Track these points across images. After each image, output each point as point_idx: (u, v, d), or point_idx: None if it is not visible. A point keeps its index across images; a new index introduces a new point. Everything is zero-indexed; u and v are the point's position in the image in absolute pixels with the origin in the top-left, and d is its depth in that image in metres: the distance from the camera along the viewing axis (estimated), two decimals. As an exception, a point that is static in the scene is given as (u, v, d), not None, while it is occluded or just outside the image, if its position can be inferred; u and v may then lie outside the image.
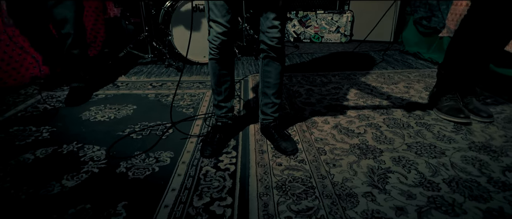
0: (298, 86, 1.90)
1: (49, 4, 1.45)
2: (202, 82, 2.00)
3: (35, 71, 2.00)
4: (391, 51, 2.82)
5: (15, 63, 1.86)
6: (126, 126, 1.37)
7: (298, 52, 2.90)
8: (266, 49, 1.09)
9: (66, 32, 1.51)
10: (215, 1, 0.98)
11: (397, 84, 1.88)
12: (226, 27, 1.02)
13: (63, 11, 1.47)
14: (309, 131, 1.32)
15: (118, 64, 2.43)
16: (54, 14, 1.47)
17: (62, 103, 1.62)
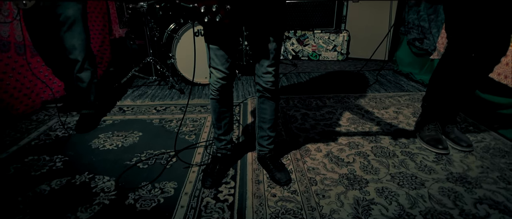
0: (294, 111, 2.01)
1: (61, 34, 1.59)
2: (204, 106, 2.12)
3: (45, 95, 2.12)
4: (385, 71, 2.93)
5: (26, 90, 1.98)
6: (133, 155, 1.48)
7: (296, 71, 3.02)
8: (262, 90, 1.21)
9: (74, 58, 1.63)
10: (216, 51, 1.10)
11: (387, 109, 1.99)
12: (225, 73, 1.14)
13: (72, 39, 1.60)
14: (303, 160, 1.43)
15: (124, 85, 2.54)
16: (64, 42, 1.60)
17: (72, 130, 1.74)
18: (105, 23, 2.81)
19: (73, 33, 1.59)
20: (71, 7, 1.55)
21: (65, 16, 1.55)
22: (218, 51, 1.10)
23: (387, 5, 3.05)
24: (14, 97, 1.88)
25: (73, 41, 1.60)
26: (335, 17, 3.36)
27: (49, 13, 1.56)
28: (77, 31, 1.59)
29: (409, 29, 2.94)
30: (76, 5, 1.57)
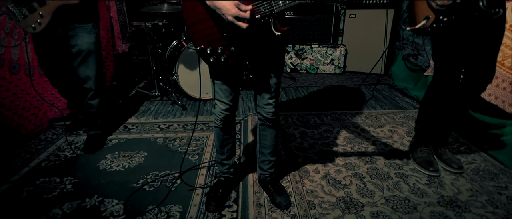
0: (293, 128, 2.08)
1: (74, 65, 1.64)
2: (206, 123, 2.19)
3: (52, 113, 2.19)
4: (381, 85, 3.02)
5: (34, 109, 2.05)
6: (139, 176, 1.55)
7: (295, 86, 3.10)
8: (263, 119, 1.28)
9: (88, 88, 1.70)
10: (221, 86, 1.18)
11: (383, 128, 2.06)
12: (229, 105, 1.22)
13: (86, 71, 1.66)
14: (301, 182, 1.50)
15: (128, 101, 2.61)
16: (78, 72, 1.66)
17: (80, 150, 1.80)
18: (109, 40, 2.89)
19: (88, 64, 1.65)
20: (86, 40, 1.61)
21: (79, 48, 1.61)
22: (222, 86, 1.18)
23: (383, 20, 3.14)
24: (24, 117, 1.95)
25: (87, 72, 1.66)
26: (332, 31, 3.44)
27: (62, 42, 1.61)
28: (92, 62, 1.66)
29: (404, 45, 3.04)
30: (91, 37, 1.63)
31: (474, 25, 1.31)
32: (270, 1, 0.98)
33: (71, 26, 1.58)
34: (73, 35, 1.59)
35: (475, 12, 1.27)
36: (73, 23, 1.58)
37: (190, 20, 1.07)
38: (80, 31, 1.60)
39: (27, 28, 1.50)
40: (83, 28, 1.60)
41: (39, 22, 1.48)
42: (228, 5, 0.93)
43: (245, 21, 0.96)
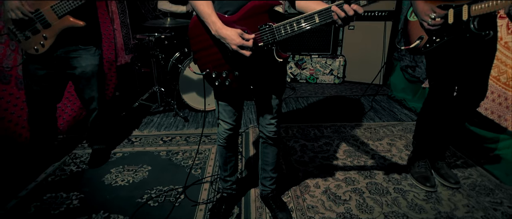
0: (293, 141, 2.12)
1: (79, 86, 1.66)
2: (208, 136, 2.23)
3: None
4: (379, 96, 3.07)
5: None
6: (143, 191, 1.58)
7: (295, 96, 3.15)
8: (265, 138, 1.32)
9: (92, 108, 1.72)
10: (225, 107, 1.22)
11: (381, 141, 2.11)
12: (232, 125, 1.26)
13: (90, 92, 1.67)
14: (302, 197, 1.54)
15: (131, 113, 2.65)
16: (83, 94, 1.68)
17: (85, 164, 1.84)
18: (112, 51, 2.94)
19: (92, 86, 1.64)
20: (90, 62, 1.59)
21: (83, 71, 1.59)
22: (226, 107, 1.22)
23: (381, 32, 3.21)
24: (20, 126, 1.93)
25: (92, 94, 1.67)
26: (332, 42, 3.51)
27: (62, 63, 1.56)
28: (95, 84, 1.65)
29: (402, 56, 3.09)
30: (95, 59, 1.62)
31: (466, 46, 1.36)
32: (272, 30, 1.02)
33: (73, 47, 1.55)
34: (76, 56, 1.57)
35: (466, 33, 1.33)
36: (77, 44, 1.55)
37: (196, 47, 1.11)
38: (83, 53, 1.58)
39: (29, 50, 1.47)
40: (87, 50, 1.59)
41: (42, 44, 1.45)
42: (233, 35, 0.98)
43: (249, 49, 1.01)
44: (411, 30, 1.51)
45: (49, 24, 1.44)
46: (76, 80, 1.65)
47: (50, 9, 1.42)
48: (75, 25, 1.46)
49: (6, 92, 1.81)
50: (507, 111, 1.86)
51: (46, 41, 1.46)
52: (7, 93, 1.81)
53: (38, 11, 1.41)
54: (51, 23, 1.44)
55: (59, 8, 1.42)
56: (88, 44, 1.60)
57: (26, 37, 1.45)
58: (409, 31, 1.52)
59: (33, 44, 1.46)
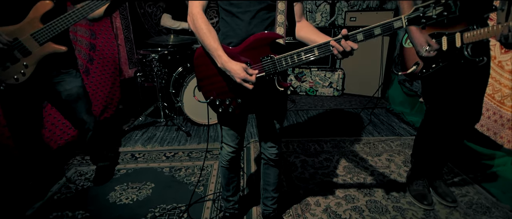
0: (294, 157, 2.16)
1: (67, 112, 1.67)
2: (209, 151, 2.27)
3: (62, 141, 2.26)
4: (378, 109, 3.12)
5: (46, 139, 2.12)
6: (147, 210, 1.61)
7: (295, 109, 3.20)
8: (266, 160, 1.36)
9: (86, 128, 1.73)
10: (228, 131, 1.27)
11: (380, 157, 2.15)
12: (235, 148, 1.30)
13: (80, 113, 1.67)
14: (303, 216, 1.57)
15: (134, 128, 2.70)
16: (73, 117, 1.68)
17: (89, 181, 1.87)
18: (116, 66, 3.00)
19: (80, 107, 1.64)
20: (74, 85, 1.59)
21: (69, 93, 1.58)
22: (229, 131, 1.27)
23: (379, 47, 3.27)
24: None
25: (81, 115, 1.67)
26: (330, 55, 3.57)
27: (45, 89, 1.54)
28: (83, 104, 1.64)
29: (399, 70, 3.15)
30: (78, 81, 1.61)
31: (461, 70, 1.41)
32: (274, 62, 1.08)
33: (55, 72, 1.53)
34: (59, 81, 1.55)
35: (461, 59, 1.38)
36: (58, 69, 1.54)
37: (201, 75, 1.17)
38: (66, 76, 1.57)
39: (8, 80, 1.39)
40: (68, 74, 1.58)
41: (23, 72, 1.38)
42: (238, 69, 1.03)
43: (252, 82, 1.06)
44: (407, 56, 1.55)
45: (30, 51, 1.38)
46: (63, 105, 1.62)
47: (30, 37, 1.36)
48: (58, 51, 1.41)
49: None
50: (502, 128, 1.90)
51: (27, 69, 1.39)
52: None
53: (16, 40, 1.36)
54: (32, 50, 1.38)
55: (40, 36, 1.37)
56: (67, 67, 1.58)
57: (4, 67, 1.37)
58: (405, 57, 1.57)
59: (12, 74, 1.39)
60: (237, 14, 1.09)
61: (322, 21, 3.74)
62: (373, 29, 0.99)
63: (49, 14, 1.38)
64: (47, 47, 1.41)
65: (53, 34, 1.39)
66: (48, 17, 1.37)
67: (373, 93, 3.34)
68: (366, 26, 1.00)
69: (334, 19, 3.70)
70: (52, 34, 1.39)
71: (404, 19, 0.95)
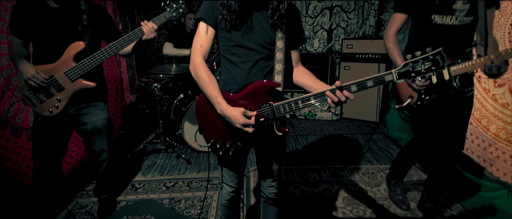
0: (293, 187, 2.17)
1: (90, 140, 1.71)
2: (210, 180, 2.28)
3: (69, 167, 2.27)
4: (376, 135, 3.15)
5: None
6: (147, 246, 1.61)
7: (294, 134, 3.23)
8: (266, 198, 1.38)
9: (102, 159, 1.78)
10: (228, 172, 1.30)
11: (379, 187, 2.16)
12: (235, 188, 1.33)
13: (101, 145, 1.73)
14: (303, 252, 1.57)
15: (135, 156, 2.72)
16: (94, 147, 1.73)
17: (90, 215, 1.87)
18: (118, 93, 3.06)
19: (102, 139, 1.71)
20: (100, 117, 1.66)
21: (94, 125, 1.65)
22: (229, 172, 1.29)
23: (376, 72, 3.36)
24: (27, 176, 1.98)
25: (102, 146, 1.72)
26: (328, 80, 3.65)
27: (71, 120, 1.62)
28: (105, 136, 1.72)
29: (397, 96, 3.22)
30: (104, 113, 1.69)
31: (451, 102, 1.52)
32: (272, 109, 1.13)
33: (84, 105, 1.62)
34: (86, 113, 1.63)
35: (451, 90, 1.47)
36: (88, 102, 1.63)
37: (202, 120, 1.21)
38: (93, 109, 1.65)
39: (43, 112, 1.51)
40: (96, 106, 1.66)
41: (57, 106, 1.51)
42: (237, 115, 1.08)
43: (251, 126, 1.10)
44: (401, 90, 1.63)
45: (63, 88, 1.50)
46: (87, 135, 1.70)
47: (64, 74, 1.48)
48: (88, 86, 1.54)
49: (17, 145, 1.89)
50: (498, 160, 1.93)
51: (60, 103, 1.52)
52: (17, 146, 1.89)
53: (52, 77, 1.48)
54: (65, 86, 1.50)
55: (72, 73, 1.49)
56: (97, 100, 1.67)
57: (40, 101, 1.51)
58: (399, 91, 1.64)
59: (47, 107, 1.51)
60: (238, 63, 1.15)
61: (320, 47, 3.85)
62: (365, 82, 1.05)
63: (82, 53, 1.49)
64: (78, 83, 1.52)
65: (83, 72, 1.50)
66: (82, 55, 1.49)
67: (371, 118, 3.39)
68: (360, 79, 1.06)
69: (331, 45, 3.81)
70: (83, 72, 1.50)
71: (394, 73, 1.01)
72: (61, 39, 1.48)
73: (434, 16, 1.46)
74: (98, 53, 1.49)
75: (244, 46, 1.13)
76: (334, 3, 3.63)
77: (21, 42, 1.51)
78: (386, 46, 1.60)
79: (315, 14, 3.73)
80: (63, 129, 1.65)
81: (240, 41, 1.12)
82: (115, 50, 1.51)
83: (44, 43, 1.50)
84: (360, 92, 1.07)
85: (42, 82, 1.46)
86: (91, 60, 1.49)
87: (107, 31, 1.66)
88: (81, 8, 1.52)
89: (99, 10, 1.63)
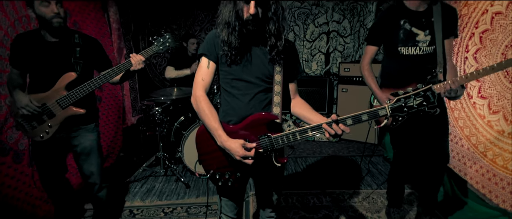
0: (293, 213, 2.16)
1: (79, 162, 1.72)
2: (208, 205, 2.26)
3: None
4: (376, 157, 3.16)
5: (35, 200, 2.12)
6: None
7: (294, 156, 3.24)
8: (265, 228, 1.38)
9: (92, 182, 1.76)
10: (227, 202, 1.30)
11: (379, 213, 2.14)
12: (234, 218, 1.33)
13: (90, 167, 1.73)
14: None
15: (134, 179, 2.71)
16: (83, 169, 1.73)
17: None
18: (120, 115, 3.10)
19: (91, 161, 1.71)
20: (89, 138, 1.68)
21: (83, 147, 1.67)
22: (228, 202, 1.30)
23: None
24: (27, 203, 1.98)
25: (91, 168, 1.72)
26: (327, 102, 3.71)
27: (63, 143, 1.65)
28: (94, 159, 1.72)
29: (395, 118, 3.26)
30: (93, 135, 1.70)
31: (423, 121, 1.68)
32: (271, 140, 1.16)
33: (75, 128, 1.65)
34: (76, 135, 1.66)
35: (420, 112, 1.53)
36: (78, 126, 1.66)
37: (202, 150, 1.24)
38: (83, 131, 1.67)
39: (35, 137, 1.57)
40: (86, 129, 1.68)
41: (47, 131, 1.56)
42: (237, 147, 1.11)
43: (250, 158, 1.13)
44: None
45: (54, 114, 1.56)
46: (77, 157, 1.72)
47: (55, 102, 1.54)
48: (77, 113, 1.58)
49: (17, 171, 1.89)
50: (496, 187, 1.93)
51: (51, 129, 1.57)
52: (18, 172, 1.90)
53: (44, 105, 1.54)
54: (56, 113, 1.56)
55: (63, 102, 1.55)
56: (87, 123, 1.70)
57: (32, 127, 1.56)
58: None
59: (39, 133, 1.56)
60: (237, 96, 1.20)
61: (318, 70, 3.95)
62: (360, 116, 1.09)
63: (74, 82, 1.55)
64: (68, 111, 1.58)
65: (74, 100, 1.56)
66: (74, 84, 1.55)
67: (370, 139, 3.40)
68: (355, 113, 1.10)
69: (329, 68, 3.91)
70: (73, 100, 1.56)
71: (388, 108, 1.05)
72: (55, 70, 1.54)
73: (400, 48, 1.69)
74: (88, 83, 1.55)
75: (243, 80, 1.18)
76: (331, 28, 3.76)
77: (18, 73, 1.58)
78: (362, 74, 1.83)
79: (312, 39, 3.85)
80: (57, 151, 1.68)
81: (240, 75, 1.18)
82: (104, 80, 1.57)
83: (39, 74, 1.56)
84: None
85: (35, 111, 1.50)
86: (82, 89, 1.54)
87: (98, 61, 1.70)
88: (75, 41, 1.60)
89: (92, 43, 1.69)
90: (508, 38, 1.85)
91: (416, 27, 1.66)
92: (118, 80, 1.72)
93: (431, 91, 1.02)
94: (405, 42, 1.68)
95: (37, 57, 1.53)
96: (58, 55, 1.55)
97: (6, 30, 1.85)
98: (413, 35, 1.66)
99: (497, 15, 1.92)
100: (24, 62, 1.54)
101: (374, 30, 1.80)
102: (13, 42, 1.55)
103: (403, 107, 1.04)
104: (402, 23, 1.67)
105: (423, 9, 1.65)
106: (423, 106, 1.03)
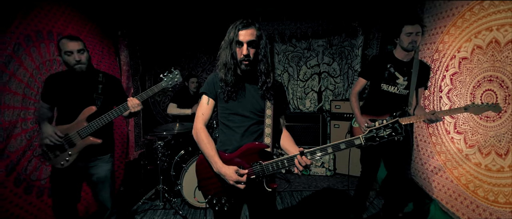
0: (288, 245, 2.20)
1: (95, 190, 1.87)
2: (205, 238, 2.30)
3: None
4: (370, 192, 3.22)
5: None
6: None
7: (289, 189, 3.31)
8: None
9: (105, 207, 1.89)
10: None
11: (372, 245, 2.19)
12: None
13: (103, 194, 1.87)
14: None
15: (134, 213, 2.76)
16: (98, 196, 1.88)
17: None
18: (123, 150, 3.24)
19: (105, 188, 1.86)
20: (104, 168, 1.85)
21: (99, 176, 1.82)
22: (224, 226, 1.41)
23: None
24: None
25: (105, 196, 1.87)
26: (321, 137, 3.87)
27: (82, 172, 1.81)
28: (108, 186, 1.87)
29: (386, 153, 3.41)
30: (108, 165, 1.87)
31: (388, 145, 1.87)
32: (262, 167, 1.32)
33: (92, 158, 1.82)
34: (93, 165, 1.82)
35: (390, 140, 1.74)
36: (95, 156, 1.82)
37: (201, 176, 1.39)
38: (99, 162, 1.83)
39: (56, 165, 1.75)
40: (102, 159, 1.85)
41: (68, 159, 1.73)
42: (230, 173, 1.26)
43: (243, 183, 1.28)
44: (355, 133, 2.31)
45: (74, 143, 1.74)
46: (92, 185, 1.87)
47: (76, 133, 1.74)
48: (94, 143, 1.76)
49: (27, 202, 2.00)
50: (480, 217, 2.02)
51: (71, 157, 1.74)
52: (27, 203, 2.00)
53: (67, 135, 1.73)
54: (76, 143, 1.74)
55: (83, 132, 1.74)
56: (103, 153, 1.86)
57: (55, 155, 1.74)
58: (354, 134, 2.32)
59: (60, 160, 1.74)
60: (233, 128, 1.39)
61: (311, 106, 4.19)
62: (339, 144, 1.26)
63: (94, 115, 1.75)
64: (87, 140, 1.77)
65: (92, 131, 1.75)
66: (95, 116, 1.75)
67: (363, 174, 3.49)
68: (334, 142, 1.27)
69: (321, 105, 4.15)
70: (91, 131, 1.76)
71: (362, 138, 1.24)
72: (79, 104, 1.77)
73: (382, 84, 2.12)
74: (107, 114, 1.76)
75: (239, 114, 1.38)
76: (322, 69, 4.10)
77: (48, 107, 1.82)
78: (350, 100, 2.23)
79: (305, 78, 4.16)
80: (74, 179, 1.83)
81: (236, 110, 1.38)
82: (121, 111, 1.78)
83: (66, 107, 1.79)
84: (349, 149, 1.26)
85: (57, 141, 1.70)
86: (100, 121, 1.75)
87: (116, 97, 1.92)
88: (99, 79, 1.85)
89: (113, 81, 1.94)
90: (475, 80, 2.10)
91: (398, 72, 2.10)
92: (127, 115, 1.92)
93: (398, 123, 1.22)
94: (387, 80, 2.11)
95: (66, 91, 1.77)
96: (83, 91, 1.79)
97: (31, 73, 2.11)
98: (395, 77, 2.10)
99: (464, 60, 2.21)
100: (54, 97, 1.79)
101: (366, 67, 2.28)
102: (47, 80, 1.81)
103: (375, 137, 1.22)
104: (388, 67, 2.11)
105: (407, 60, 2.10)
106: (392, 136, 1.21)
